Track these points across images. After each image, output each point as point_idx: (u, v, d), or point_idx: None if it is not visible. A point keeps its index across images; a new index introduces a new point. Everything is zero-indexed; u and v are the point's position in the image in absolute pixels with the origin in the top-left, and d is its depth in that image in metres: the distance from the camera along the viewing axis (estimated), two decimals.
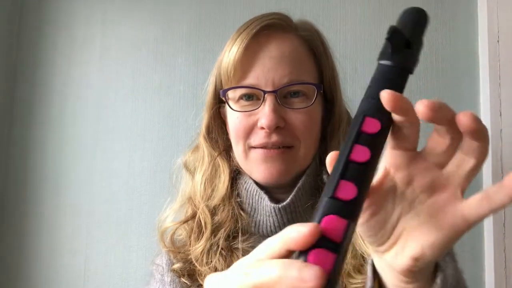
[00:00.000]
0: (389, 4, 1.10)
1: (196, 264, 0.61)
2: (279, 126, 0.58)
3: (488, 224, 1.00)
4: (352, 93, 0.75)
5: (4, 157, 1.29)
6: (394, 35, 0.36)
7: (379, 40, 1.11)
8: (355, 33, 1.11)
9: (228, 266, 0.60)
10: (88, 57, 1.29)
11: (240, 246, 0.62)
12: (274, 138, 0.58)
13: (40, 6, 1.33)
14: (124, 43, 1.27)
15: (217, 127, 0.69)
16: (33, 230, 1.25)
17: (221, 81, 0.65)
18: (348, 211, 0.25)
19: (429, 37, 1.10)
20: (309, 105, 0.60)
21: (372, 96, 0.32)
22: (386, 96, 0.29)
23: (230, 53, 0.61)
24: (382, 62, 0.35)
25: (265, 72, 0.59)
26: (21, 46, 1.32)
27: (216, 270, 0.60)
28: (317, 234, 0.23)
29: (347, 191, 0.25)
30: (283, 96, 0.60)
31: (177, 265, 0.63)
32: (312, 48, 0.64)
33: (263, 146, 0.60)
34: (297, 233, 0.24)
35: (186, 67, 1.21)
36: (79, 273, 1.20)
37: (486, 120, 1.03)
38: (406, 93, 0.33)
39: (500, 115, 1.02)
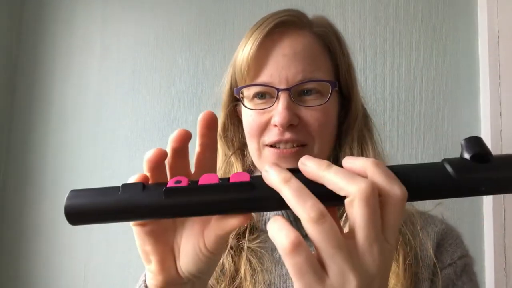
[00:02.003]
0: (389, 5, 1.10)
1: None
2: (293, 124, 0.57)
3: (488, 224, 1.00)
4: None
5: (4, 157, 1.29)
6: (472, 139, 0.32)
7: (379, 40, 1.11)
8: (355, 33, 1.11)
9: (236, 265, 0.60)
10: (88, 56, 1.29)
11: (247, 245, 0.62)
12: (288, 135, 0.57)
13: (40, 6, 1.33)
14: (124, 43, 1.27)
15: (232, 126, 0.68)
16: (33, 231, 1.25)
17: (236, 79, 0.64)
18: (222, 180, 0.33)
19: (429, 37, 1.10)
20: (323, 102, 0.58)
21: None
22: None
23: (244, 51, 0.61)
24: (445, 162, 0.31)
25: (279, 70, 0.58)
26: (21, 45, 1.32)
27: (223, 267, 0.60)
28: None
29: (238, 178, 0.32)
30: (297, 94, 0.59)
31: None
32: (327, 44, 0.63)
33: (276, 144, 0.59)
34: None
35: (186, 67, 1.21)
36: (79, 274, 1.20)
37: (486, 120, 1.03)
38: (405, 93, 0.32)
39: (500, 115, 1.02)
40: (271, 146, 0.60)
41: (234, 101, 0.67)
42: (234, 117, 0.69)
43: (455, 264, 0.59)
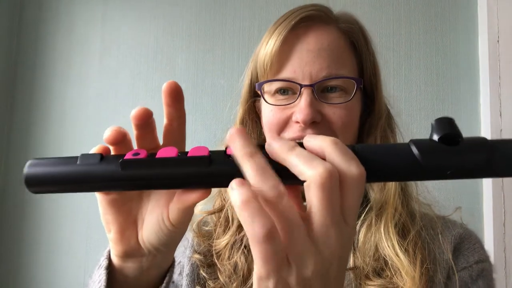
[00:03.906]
0: (388, 5, 1.10)
1: (217, 260, 0.61)
2: (315, 121, 0.56)
3: (488, 224, 1.00)
4: None
5: (4, 157, 1.29)
6: (444, 119, 0.29)
7: (379, 40, 1.11)
8: None
9: (248, 264, 0.58)
10: (88, 57, 1.29)
11: None
12: (309, 132, 0.56)
13: (40, 6, 1.33)
14: (124, 43, 1.27)
15: (251, 121, 0.67)
16: (32, 231, 1.25)
17: (257, 74, 0.63)
18: (181, 153, 0.32)
19: (429, 37, 1.10)
20: (347, 100, 0.57)
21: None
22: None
23: (268, 45, 0.59)
24: (411, 143, 0.29)
25: (303, 65, 0.57)
26: (21, 46, 1.32)
27: (236, 266, 0.59)
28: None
29: (197, 152, 0.32)
30: (320, 91, 0.57)
31: (198, 256, 0.62)
32: (353, 41, 0.62)
33: (297, 140, 0.56)
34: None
35: (186, 67, 1.21)
36: (79, 274, 1.20)
37: (486, 120, 1.03)
38: (405, 93, 0.32)
39: (500, 115, 1.02)
40: None
41: (253, 97, 0.66)
42: (253, 113, 0.67)
43: (471, 268, 0.58)
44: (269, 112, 0.60)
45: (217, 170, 0.30)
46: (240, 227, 0.62)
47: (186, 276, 0.61)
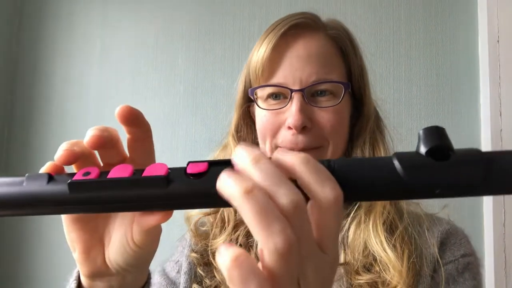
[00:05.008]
0: (389, 5, 1.10)
1: (213, 259, 0.63)
2: (306, 126, 0.58)
3: (488, 224, 1.00)
4: None
5: (4, 157, 1.29)
6: (432, 129, 0.26)
7: (379, 40, 1.11)
8: (354, 33, 1.11)
9: None
10: (88, 57, 1.29)
11: (256, 243, 0.62)
12: (301, 143, 0.58)
13: (40, 6, 1.33)
14: (124, 43, 1.27)
15: (245, 126, 0.69)
16: (32, 231, 1.25)
17: (250, 80, 0.65)
18: (135, 172, 0.29)
19: (429, 37, 1.10)
20: (336, 103, 0.59)
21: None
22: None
23: (259, 53, 0.62)
24: (394, 157, 0.26)
25: (293, 71, 0.59)
26: (21, 46, 1.33)
27: None
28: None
29: (154, 171, 0.28)
30: (310, 95, 0.60)
31: (195, 255, 0.64)
32: (340, 46, 0.64)
33: (290, 149, 0.59)
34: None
35: (186, 67, 1.21)
36: None
37: (486, 120, 1.03)
38: (405, 93, 0.32)
39: (500, 115, 1.02)
40: None
41: (248, 102, 0.68)
42: (248, 118, 0.69)
43: (457, 261, 0.60)
44: (263, 117, 0.62)
45: (176, 191, 0.27)
46: (235, 228, 0.64)
47: (184, 274, 0.64)
